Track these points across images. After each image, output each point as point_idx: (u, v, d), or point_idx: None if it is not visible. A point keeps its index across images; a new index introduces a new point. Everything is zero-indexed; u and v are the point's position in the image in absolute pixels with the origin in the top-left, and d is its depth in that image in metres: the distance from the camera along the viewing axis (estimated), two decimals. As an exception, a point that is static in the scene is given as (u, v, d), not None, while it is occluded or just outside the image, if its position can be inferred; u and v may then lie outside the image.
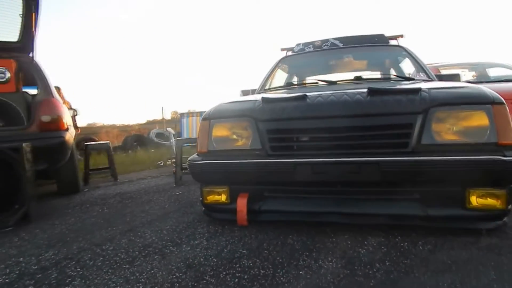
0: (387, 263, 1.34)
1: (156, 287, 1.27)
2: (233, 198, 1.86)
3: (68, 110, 4.35)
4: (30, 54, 3.28)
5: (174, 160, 4.07)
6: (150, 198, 2.93)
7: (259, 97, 1.94)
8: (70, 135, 3.18)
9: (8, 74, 3.03)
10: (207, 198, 1.92)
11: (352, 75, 2.82)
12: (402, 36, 3.44)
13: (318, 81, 2.99)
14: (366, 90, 1.70)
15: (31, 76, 3.23)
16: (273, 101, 1.85)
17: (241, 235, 1.76)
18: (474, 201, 1.53)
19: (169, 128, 6.23)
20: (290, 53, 3.64)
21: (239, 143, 1.88)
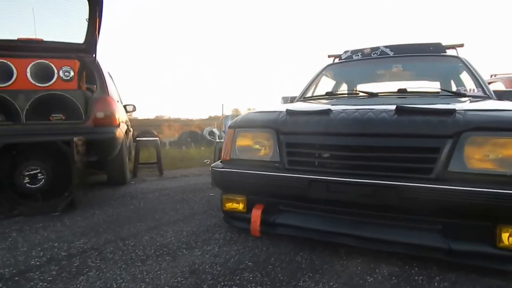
0: (392, 297, 1.26)
1: (156, 289, 1.33)
2: (249, 207, 1.87)
3: (123, 107, 4.73)
4: (93, 55, 3.61)
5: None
6: (185, 197, 3.06)
7: (285, 108, 1.93)
8: (120, 131, 3.45)
9: (72, 73, 3.36)
10: (226, 205, 1.96)
11: (398, 86, 2.67)
12: (462, 45, 3.15)
13: (359, 92, 2.88)
14: (394, 108, 1.60)
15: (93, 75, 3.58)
16: (296, 114, 1.83)
17: (253, 246, 1.77)
18: (506, 239, 1.36)
19: (214, 128, 6.42)
20: (337, 60, 3.54)
21: (261, 154, 1.89)
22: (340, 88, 3.57)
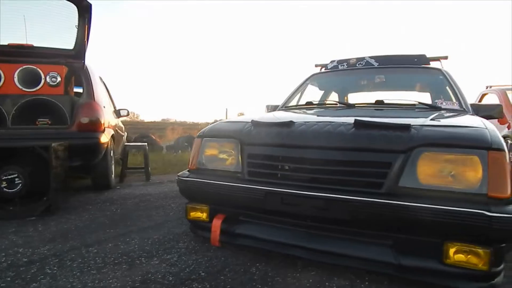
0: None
1: (101, 298, 1.35)
2: (212, 217, 1.88)
3: (116, 111, 4.78)
4: (82, 61, 3.66)
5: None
6: (164, 203, 3.08)
7: (250, 119, 1.94)
8: (105, 136, 3.49)
9: (59, 78, 3.42)
10: (190, 214, 1.97)
11: (381, 97, 2.68)
12: (446, 57, 3.16)
13: (337, 102, 2.90)
14: (352, 122, 1.61)
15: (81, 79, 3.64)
16: (260, 125, 1.84)
17: (212, 256, 1.78)
18: (452, 256, 1.36)
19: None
20: (324, 69, 3.56)
21: (226, 164, 1.90)
22: (324, 97, 3.58)
